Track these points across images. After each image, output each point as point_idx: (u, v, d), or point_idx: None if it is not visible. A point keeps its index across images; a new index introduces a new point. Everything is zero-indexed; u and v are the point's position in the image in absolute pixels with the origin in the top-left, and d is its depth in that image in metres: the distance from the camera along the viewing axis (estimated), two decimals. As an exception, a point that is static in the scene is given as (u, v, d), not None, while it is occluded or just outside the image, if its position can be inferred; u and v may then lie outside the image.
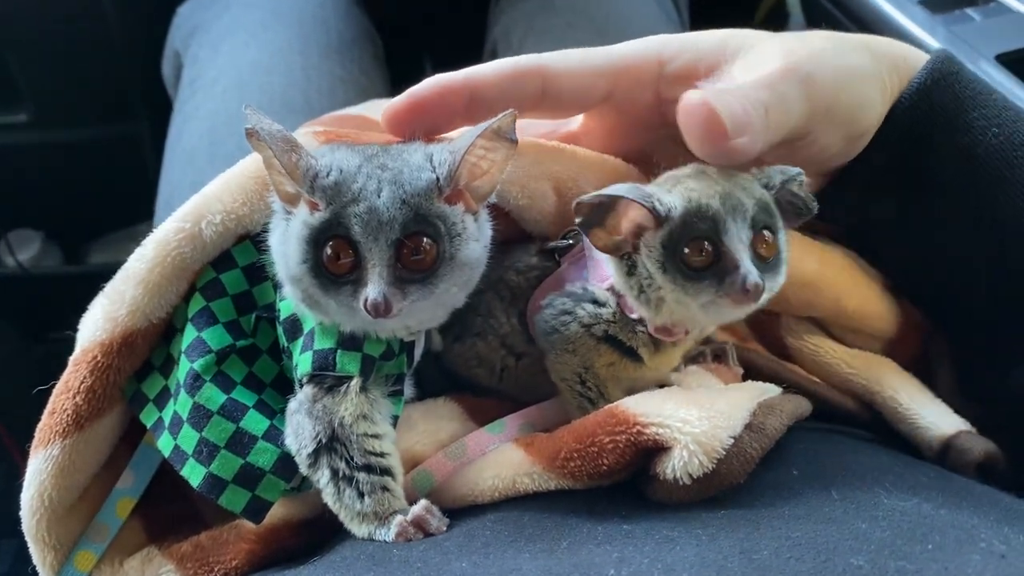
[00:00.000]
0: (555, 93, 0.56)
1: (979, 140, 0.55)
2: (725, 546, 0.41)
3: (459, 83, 0.54)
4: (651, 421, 0.47)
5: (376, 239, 0.46)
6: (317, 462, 0.50)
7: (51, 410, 0.53)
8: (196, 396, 0.51)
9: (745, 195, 0.49)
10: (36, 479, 0.52)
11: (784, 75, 0.52)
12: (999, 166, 0.55)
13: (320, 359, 0.50)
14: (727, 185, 0.50)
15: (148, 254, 0.52)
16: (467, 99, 0.54)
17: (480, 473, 0.51)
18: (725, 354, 0.60)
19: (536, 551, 0.44)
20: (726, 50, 0.56)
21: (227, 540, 0.53)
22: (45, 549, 0.54)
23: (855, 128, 0.56)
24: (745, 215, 0.48)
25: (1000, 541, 0.41)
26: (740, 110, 0.49)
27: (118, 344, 0.52)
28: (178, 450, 0.51)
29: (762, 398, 0.52)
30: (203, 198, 0.52)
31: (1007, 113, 0.56)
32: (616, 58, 0.57)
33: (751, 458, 0.47)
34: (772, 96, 0.51)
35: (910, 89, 0.56)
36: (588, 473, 0.48)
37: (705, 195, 0.49)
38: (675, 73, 0.57)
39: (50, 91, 1.56)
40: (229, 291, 0.53)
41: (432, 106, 0.54)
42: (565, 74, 0.56)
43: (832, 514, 0.44)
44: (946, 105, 0.56)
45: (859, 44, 0.57)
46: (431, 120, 0.54)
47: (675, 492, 0.47)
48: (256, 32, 1.22)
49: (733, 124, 0.49)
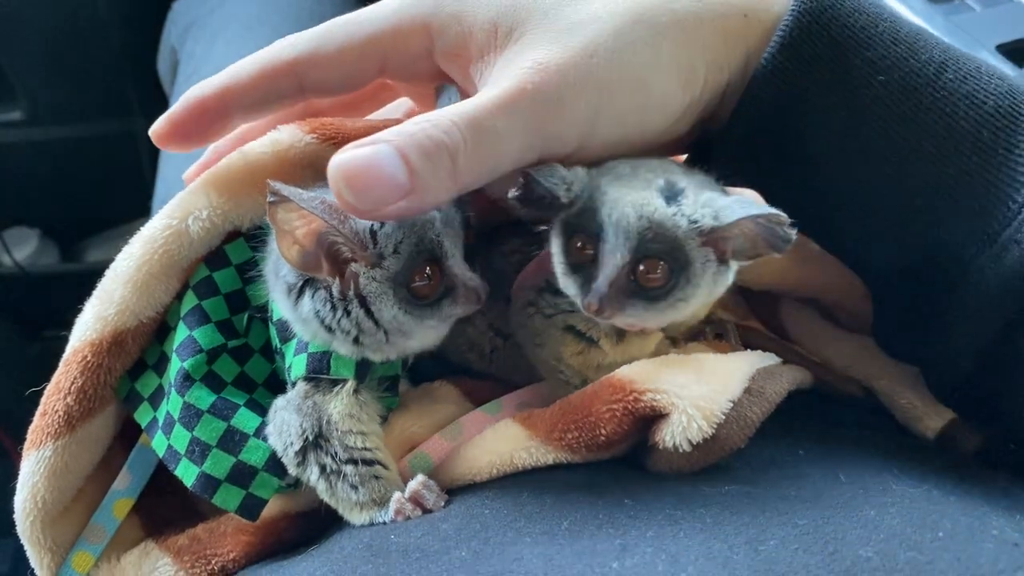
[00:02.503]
0: (316, 83, 0.52)
1: (864, 92, 0.46)
2: (731, 532, 0.40)
3: (213, 97, 0.52)
4: (647, 388, 0.46)
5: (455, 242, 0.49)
6: (305, 460, 0.49)
7: (42, 411, 0.52)
8: (186, 396, 0.50)
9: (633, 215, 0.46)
10: (29, 481, 0.52)
11: (509, 104, 0.45)
12: (887, 121, 0.46)
13: (315, 362, 0.50)
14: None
15: (135, 252, 0.51)
16: (225, 110, 0.52)
17: (478, 451, 0.50)
18: (727, 332, 0.59)
19: (536, 534, 0.43)
20: (497, 33, 0.48)
21: (224, 532, 0.53)
22: (41, 551, 0.53)
23: (639, 131, 0.49)
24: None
25: (1012, 528, 0.40)
26: (396, 170, 0.42)
27: (108, 343, 0.51)
28: (171, 450, 0.51)
29: (761, 364, 0.51)
30: (189, 194, 0.52)
31: (896, 50, 0.46)
32: (380, 31, 0.50)
33: (751, 422, 0.46)
34: (476, 135, 0.44)
35: (772, 48, 0.47)
36: (586, 444, 0.47)
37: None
38: (445, 51, 0.51)
39: (44, 88, 1.56)
40: (222, 289, 0.53)
41: (193, 124, 0.53)
42: (323, 62, 0.51)
43: (840, 499, 0.43)
44: (820, 56, 0.46)
45: (660, 25, 0.47)
46: (198, 136, 0.53)
47: (675, 460, 0.46)
48: (252, 26, 1.21)
49: (389, 187, 0.43)
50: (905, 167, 0.47)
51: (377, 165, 0.43)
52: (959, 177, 0.46)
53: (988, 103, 0.45)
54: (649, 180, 0.47)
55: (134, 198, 1.39)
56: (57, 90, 1.57)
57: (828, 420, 0.54)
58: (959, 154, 0.45)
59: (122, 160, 1.63)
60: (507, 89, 0.46)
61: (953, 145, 0.45)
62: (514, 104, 0.45)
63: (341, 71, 0.52)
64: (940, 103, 0.46)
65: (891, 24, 0.47)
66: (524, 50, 0.47)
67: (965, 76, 0.46)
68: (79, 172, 1.67)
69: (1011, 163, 0.45)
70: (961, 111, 0.45)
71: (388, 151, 0.43)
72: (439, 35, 0.50)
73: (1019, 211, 0.44)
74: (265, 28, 1.20)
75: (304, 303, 0.48)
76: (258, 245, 0.52)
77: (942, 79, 0.46)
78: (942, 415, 0.54)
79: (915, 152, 0.46)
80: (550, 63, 0.46)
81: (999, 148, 0.45)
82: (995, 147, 0.45)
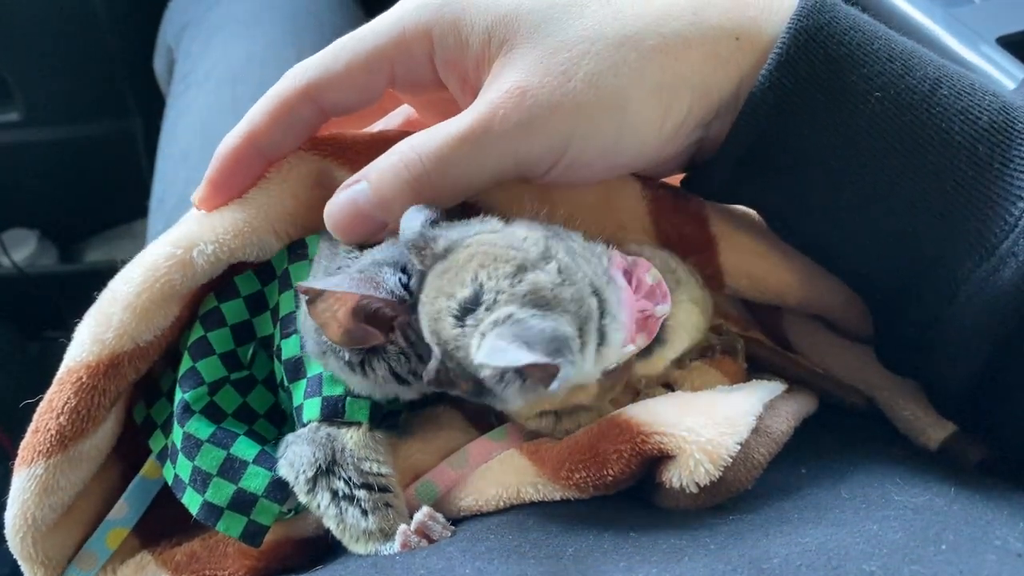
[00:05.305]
0: (333, 105, 0.52)
1: (860, 109, 0.46)
2: (734, 556, 0.40)
3: (242, 146, 0.52)
4: (655, 430, 0.46)
5: None
6: (316, 486, 0.49)
7: (34, 428, 0.51)
8: (185, 426, 0.50)
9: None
10: (19, 498, 0.51)
11: (479, 132, 0.46)
12: (883, 139, 0.46)
13: (329, 406, 0.50)
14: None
15: (136, 278, 0.50)
16: (257, 153, 0.52)
17: (484, 481, 0.50)
18: (736, 350, 0.59)
19: (541, 557, 0.43)
20: (490, 44, 0.48)
21: (226, 552, 0.53)
22: (34, 565, 0.53)
23: (617, 153, 0.49)
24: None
25: (1015, 538, 0.40)
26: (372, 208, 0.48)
27: (105, 366, 0.51)
28: (177, 478, 0.51)
29: (768, 399, 0.51)
30: (196, 224, 0.51)
31: (892, 67, 0.46)
32: (384, 43, 0.50)
33: (758, 464, 0.46)
34: (441, 165, 0.47)
35: (769, 66, 0.46)
36: (593, 484, 0.47)
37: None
38: (444, 59, 0.50)
39: (41, 89, 1.55)
40: (228, 321, 0.53)
41: (232, 178, 0.52)
42: (334, 83, 0.51)
43: (842, 516, 0.43)
44: (817, 74, 0.46)
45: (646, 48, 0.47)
46: (242, 187, 0.53)
47: (681, 499, 0.46)
48: (249, 24, 1.21)
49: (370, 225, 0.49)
50: (902, 182, 0.46)
51: (356, 206, 0.49)
52: (956, 191, 0.45)
53: (983, 119, 0.45)
54: (460, 283, 0.44)
55: (132, 198, 1.38)
56: (54, 91, 1.56)
57: (830, 432, 0.54)
58: (955, 169, 0.45)
59: (120, 160, 1.62)
60: (480, 115, 0.47)
61: (949, 160, 0.45)
62: (484, 132, 0.46)
63: (353, 89, 0.52)
64: (936, 119, 0.45)
65: (886, 42, 0.47)
66: (506, 68, 0.48)
67: (959, 92, 0.46)
68: (77, 173, 1.67)
69: (1007, 177, 0.45)
70: (956, 126, 0.45)
71: (363, 190, 0.49)
72: (440, 43, 0.50)
73: (1015, 224, 0.44)
74: (263, 26, 1.20)
75: (378, 370, 0.49)
76: (267, 279, 0.53)
77: (937, 95, 0.46)
78: (945, 427, 0.54)
79: (912, 167, 0.46)
80: (528, 87, 0.46)
81: (995, 162, 0.45)
82: (991, 161, 0.45)
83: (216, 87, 1.14)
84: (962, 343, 0.47)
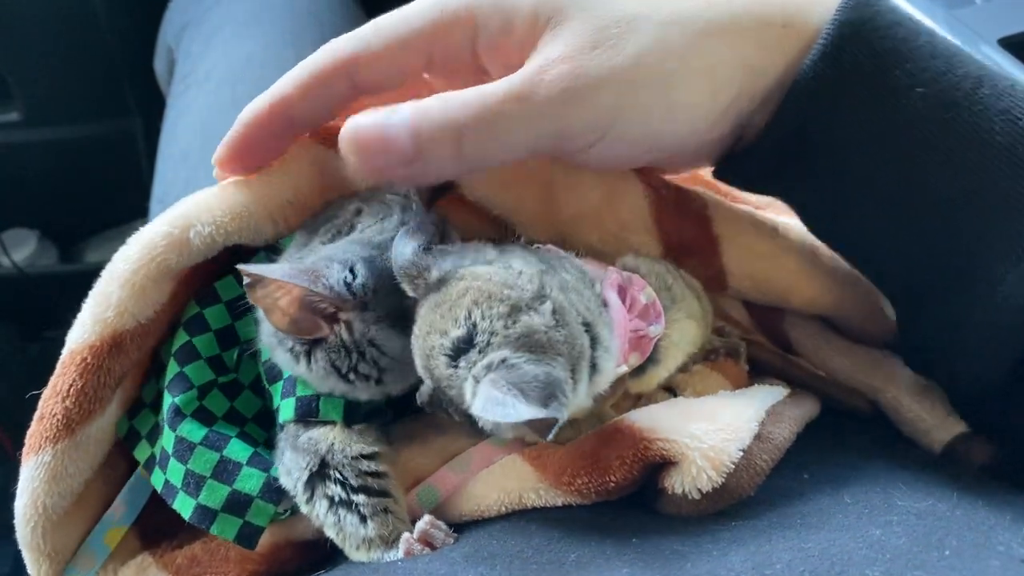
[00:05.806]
0: (367, 82, 0.51)
1: (902, 104, 0.46)
2: (736, 562, 0.40)
3: (269, 111, 0.51)
4: (657, 437, 0.46)
5: None
6: (313, 494, 0.49)
7: (40, 416, 0.51)
8: (177, 430, 0.50)
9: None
10: (29, 486, 0.51)
11: (522, 95, 0.45)
12: (923, 135, 0.45)
13: (303, 406, 0.50)
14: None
15: (133, 255, 0.50)
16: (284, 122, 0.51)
17: (486, 486, 0.50)
18: (738, 353, 0.59)
19: (543, 563, 0.43)
20: (536, 24, 0.48)
21: (227, 557, 0.52)
22: (41, 558, 0.53)
23: (664, 132, 0.49)
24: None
25: (1018, 544, 0.40)
26: (403, 139, 0.45)
27: (108, 345, 0.50)
28: (168, 484, 0.51)
29: (770, 404, 0.51)
30: (194, 205, 0.51)
31: (935, 64, 0.45)
32: (425, 24, 0.49)
33: (761, 470, 0.46)
34: (483, 120, 0.45)
35: (814, 56, 0.46)
36: (596, 490, 0.47)
37: None
38: (488, 42, 0.49)
39: (41, 89, 1.55)
40: (212, 326, 0.53)
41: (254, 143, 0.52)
42: (373, 60, 0.50)
43: (845, 521, 0.43)
44: (861, 66, 0.46)
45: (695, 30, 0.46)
46: (262, 155, 0.52)
47: (684, 505, 0.46)
48: (248, 24, 1.21)
49: (393, 153, 0.46)
50: (939, 180, 0.46)
51: (385, 130, 0.45)
52: (993, 191, 0.45)
53: (1023, 120, 0.45)
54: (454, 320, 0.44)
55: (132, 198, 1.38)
56: (54, 91, 1.56)
57: (833, 436, 0.54)
58: (994, 169, 0.45)
59: (120, 161, 1.62)
60: (524, 78, 0.46)
61: (988, 160, 0.45)
62: (530, 94, 0.46)
63: (391, 68, 0.51)
64: (976, 117, 0.45)
65: (929, 39, 0.47)
66: (553, 42, 0.47)
67: (1001, 93, 0.46)
68: (77, 173, 1.67)
69: None
70: (997, 126, 0.45)
71: (399, 119, 0.45)
72: (483, 26, 0.49)
73: None
74: (263, 26, 1.19)
75: (318, 361, 0.49)
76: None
77: (978, 94, 0.45)
78: (949, 429, 0.54)
79: (950, 165, 0.46)
80: (575, 58, 0.46)
81: None
82: None
83: (216, 87, 1.14)
84: (994, 344, 0.47)
